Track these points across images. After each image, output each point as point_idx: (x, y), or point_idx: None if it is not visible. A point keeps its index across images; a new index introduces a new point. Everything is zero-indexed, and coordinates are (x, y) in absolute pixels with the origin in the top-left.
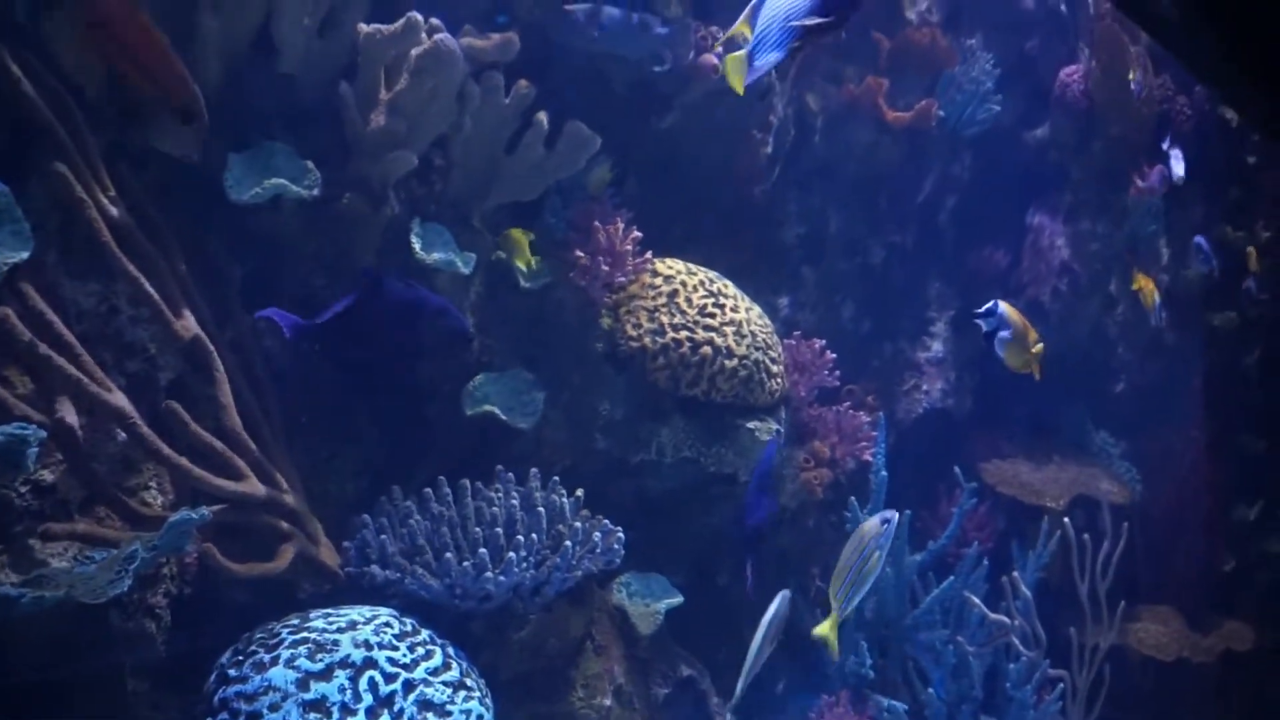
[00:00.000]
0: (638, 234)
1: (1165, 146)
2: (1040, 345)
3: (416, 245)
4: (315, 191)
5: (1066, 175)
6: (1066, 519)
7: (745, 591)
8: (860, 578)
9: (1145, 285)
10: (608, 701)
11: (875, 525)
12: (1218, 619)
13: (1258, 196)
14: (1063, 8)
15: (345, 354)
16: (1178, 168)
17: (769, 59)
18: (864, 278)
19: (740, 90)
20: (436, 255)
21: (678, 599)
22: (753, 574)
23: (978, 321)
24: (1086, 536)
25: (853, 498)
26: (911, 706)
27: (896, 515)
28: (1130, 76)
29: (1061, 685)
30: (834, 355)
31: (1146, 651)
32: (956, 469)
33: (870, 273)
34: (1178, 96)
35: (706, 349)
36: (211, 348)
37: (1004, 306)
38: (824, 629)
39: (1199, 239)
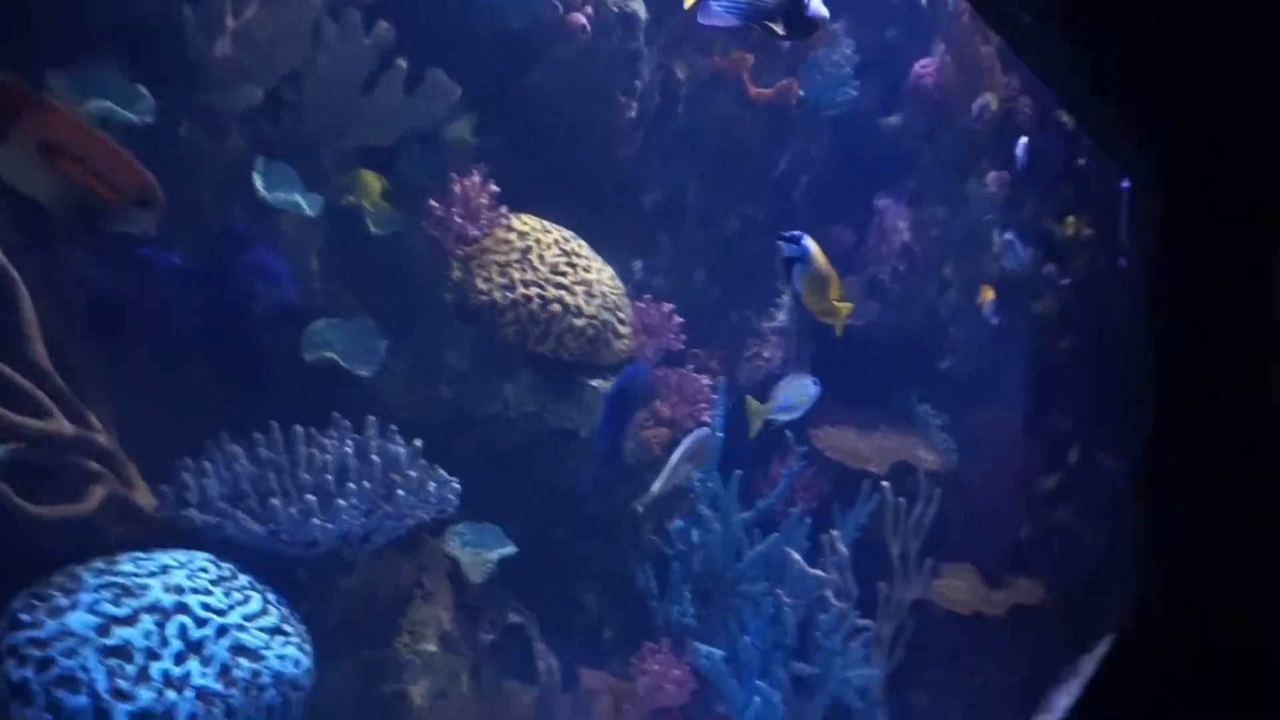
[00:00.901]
0: (494, 188)
1: (1018, 151)
2: (848, 306)
3: (259, 183)
4: (148, 118)
5: (914, 163)
6: (885, 483)
7: (586, 477)
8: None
9: (986, 295)
10: (432, 647)
11: (809, 384)
12: (1012, 578)
13: (1086, 197)
14: (923, 1)
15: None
16: (1023, 158)
17: (724, 16)
18: (718, 247)
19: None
20: (280, 195)
21: (511, 549)
22: (600, 461)
23: (779, 244)
24: (902, 500)
25: None
26: (730, 653)
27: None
28: (978, 101)
29: (867, 634)
30: (681, 320)
31: (947, 605)
32: (788, 433)
33: (724, 243)
34: (1021, 97)
35: (556, 306)
36: (15, 274)
37: (811, 243)
38: (756, 407)
39: (1009, 235)
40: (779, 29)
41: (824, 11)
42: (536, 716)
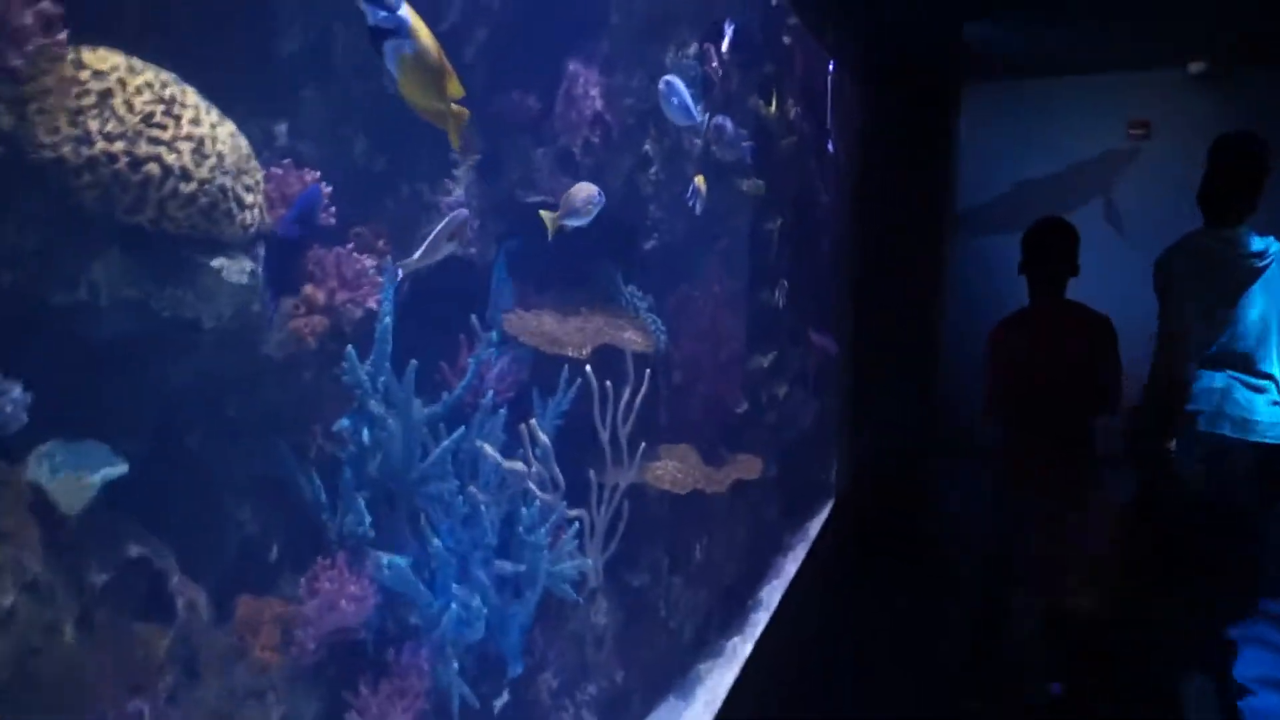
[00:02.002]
0: (49, 7)
1: (726, 26)
2: (465, 112)
3: None
4: None
5: (607, 24)
6: (588, 367)
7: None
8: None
9: (700, 184)
10: (9, 600)
11: (596, 192)
12: (731, 453)
13: (788, 75)
14: None
15: None
16: (726, 37)
17: None
18: (378, 110)
19: None
20: None
21: (120, 468)
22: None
23: (364, 8)
24: (609, 383)
25: (350, 347)
26: (420, 559)
27: (600, 194)
28: None
29: (578, 524)
30: (330, 188)
31: (664, 487)
32: (474, 318)
33: (385, 104)
34: None
35: (153, 167)
36: None
37: (411, 13)
38: (548, 215)
39: (719, 120)
40: None
41: None
42: (176, 658)
